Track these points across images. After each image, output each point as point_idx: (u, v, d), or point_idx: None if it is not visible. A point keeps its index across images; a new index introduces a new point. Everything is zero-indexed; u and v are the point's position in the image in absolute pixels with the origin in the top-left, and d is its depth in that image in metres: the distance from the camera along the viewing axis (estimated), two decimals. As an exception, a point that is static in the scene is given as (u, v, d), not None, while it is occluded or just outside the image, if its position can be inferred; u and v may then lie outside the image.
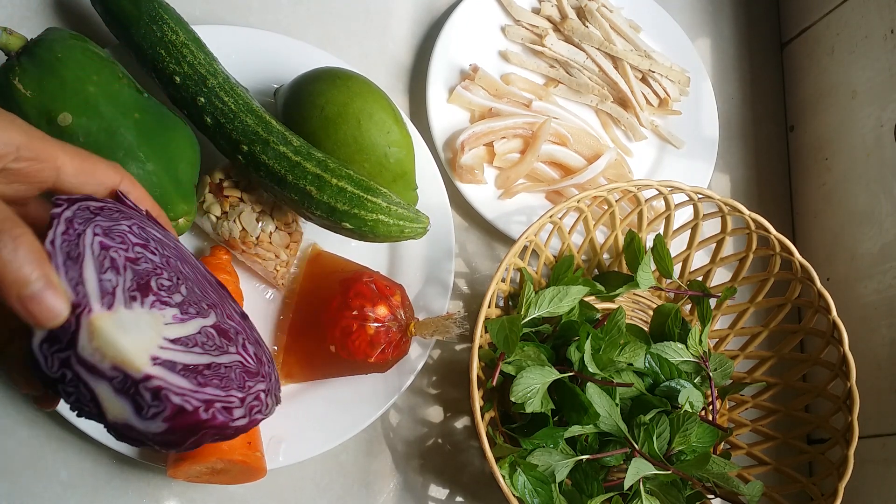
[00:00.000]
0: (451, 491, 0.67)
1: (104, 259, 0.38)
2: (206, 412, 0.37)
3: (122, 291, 0.38)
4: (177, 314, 0.40)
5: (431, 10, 0.79)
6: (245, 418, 0.40)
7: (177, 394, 0.36)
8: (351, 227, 0.57)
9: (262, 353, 0.45)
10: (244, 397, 0.40)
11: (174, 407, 0.36)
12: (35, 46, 0.53)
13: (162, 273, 0.41)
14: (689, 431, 0.60)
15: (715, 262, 0.72)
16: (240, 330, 0.44)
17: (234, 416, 0.39)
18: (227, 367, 0.41)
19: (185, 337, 0.39)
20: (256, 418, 0.41)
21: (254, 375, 0.42)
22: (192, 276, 0.44)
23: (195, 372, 0.38)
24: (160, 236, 0.43)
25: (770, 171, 0.90)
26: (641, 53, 0.81)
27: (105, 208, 0.41)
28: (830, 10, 0.85)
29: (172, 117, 0.57)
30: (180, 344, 0.39)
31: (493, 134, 0.73)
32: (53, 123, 0.51)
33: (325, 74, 0.61)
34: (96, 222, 0.39)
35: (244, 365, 0.42)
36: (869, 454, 0.71)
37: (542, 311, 0.61)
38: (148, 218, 0.44)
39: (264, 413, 0.42)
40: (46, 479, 0.57)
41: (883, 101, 0.77)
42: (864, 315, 0.75)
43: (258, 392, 0.42)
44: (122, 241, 0.40)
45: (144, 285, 0.39)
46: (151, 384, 0.36)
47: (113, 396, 0.36)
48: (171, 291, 0.41)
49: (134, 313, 0.37)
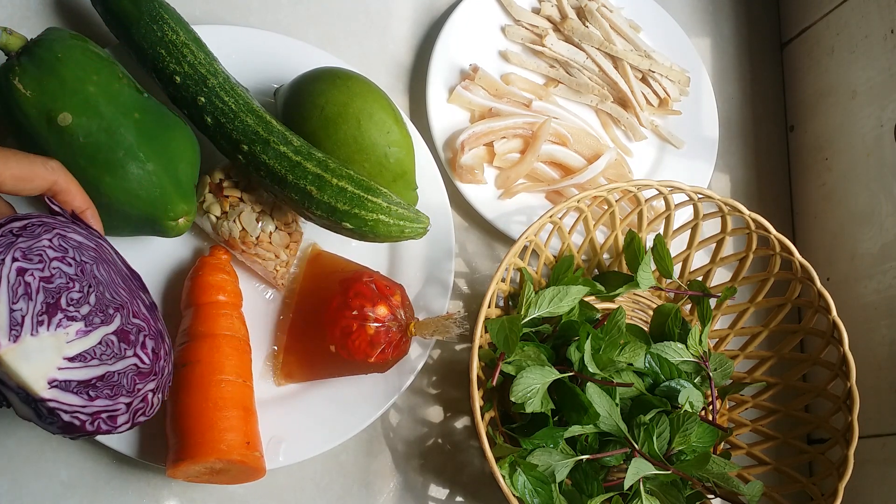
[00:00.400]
0: (451, 491, 0.67)
1: (18, 287, 0.44)
2: (91, 424, 0.46)
3: (30, 318, 0.45)
4: (81, 328, 0.47)
5: (431, 10, 0.79)
6: (128, 423, 0.48)
7: (67, 412, 0.45)
8: (351, 227, 0.57)
9: (160, 346, 0.51)
10: (131, 402, 0.48)
11: (64, 422, 0.45)
12: (35, 46, 0.53)
13: (73, 286, 0.47)
14: (689, 431, 0.60)
15: (715, 262, 0.72)
16: (142, 326, 0.51)
17: (118, 423, 0.48)
18: (121, 373, 0.48)
19: (84, 352, 0.47)
20: (139, 421, 0.49)
21: (146, 375, 0.50)
22: (106, 278, 0.50)
23: (88, 386, 0.46)
24: (81, 240, 0.49)
25: (770, 171, 0.90)
26: (641, 53, 0.81)
27: (28, 225, 0.46)
28: (830, 10, 0.85)
29: (172, 117, 0.57)
30: (78, 360, 0.46)
31: (493, 134, 0.73)
32: (53, 123, 0.51)
33: (325, 74, 0.61)
34: (17, 245, 0.45)
35: (138, 367, 0.49)
36: (869, 454, 0.71)
37: (542, 311, 0.61)
38: (73, 220, 0.49)
39: (147, 414, 0.50)
40: (46, 479, 0.57)
41: (883, 101, 0.77)
42: (864, 315, 0.75)
43: (146, 393, 0.49)
44: (41, 259, 0.46)
45: (54, 304, 0.46)
46: (47, 405, 0.44)
47: (20, 403, 0.45)
48: (79, 304, 0.47)
49: (38, 340, 0.45)
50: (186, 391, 0.54)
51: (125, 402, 0.48)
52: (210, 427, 0.53)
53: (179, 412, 0.54)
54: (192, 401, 0.54)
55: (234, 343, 0.57)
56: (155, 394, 0.50)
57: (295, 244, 0.63)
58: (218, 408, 0.54)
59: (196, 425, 0.53)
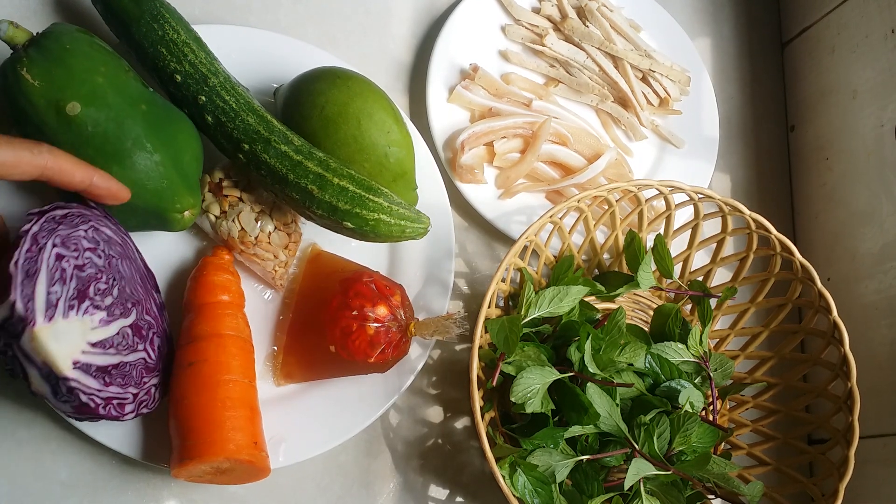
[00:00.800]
0: (451, 491, 0.67)
1: (56, 270, 0.48)
2: (104, 409, 0.49)
3: (64, 302, 0.48)
4: (103, 317, 0.50)
5: (431, 10, 0.79)
6: (133, 413, 0.52)
7: (86, 393, 0.48)
8: (352, 227, 0.57)
9: (165, 345, 0.56)
10: (138, 393, 0.52)
11: (81, 402, 0.48)
12: (42, 38, 0.53)
13: (101, 277, 0.51)
14: (689, 432, 0.60)
15: (715, 262, 0.71)
16: (153, 324, 0.55)
17: (125, 411, 0.51)
18: (132, 364, 0.52)
19: (104, 340, 0.50)
20: (142, 412, 0.52)
21: (151, 371, 0.53)
22: (128, 274, 0.53)
23: (104, 372, 0.50)
24: (110, 234, 0.53)
25: (770, 171, 0.90)
26: (642, 53, 0.81)
27: (69, 214, 0.50)
28: (831, 9, 0.85)
29: (177, 111, 0.57)
30: (99, 347, 0.49)
31: (493, 134, 0.73)
32: (62, 113, 0.51)
33: (325, 74, 0.61)
34: (58, 233, 0.49)
35: (146, 361, 0.53)
36: (870, 454, 0.71)
37: (542, 311, 0.61)
38: (105, 216, 0.53)
39: (149, 407, 0.53)
40: (46, 479, 0.57)
41: (883, 101, 0.76)
42: (864, 315, 0.75)
43: (150, 387, 0.53)
44: (76, 248, 0.49)
45: (83, 292, 0.49)
46: (68, 383, 0.47)
47: (39, 378, 0.48)
48: (104, 295, 0.51)
49: (68, 323, 0.48)
50: (193, 390, 0.54)
51: (133, 392, 0.51)
52: (219, 426, 0.53)
53: (186, 411, 0.53)
54: (199, 400, 0.53)
55: (239, 343, 0.57)
56: (157, 388, 0.54)
57: (294, 244, 0.63)
58: (226, 407, 0.53)
59: (204, 424, 0.53)
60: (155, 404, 0.54)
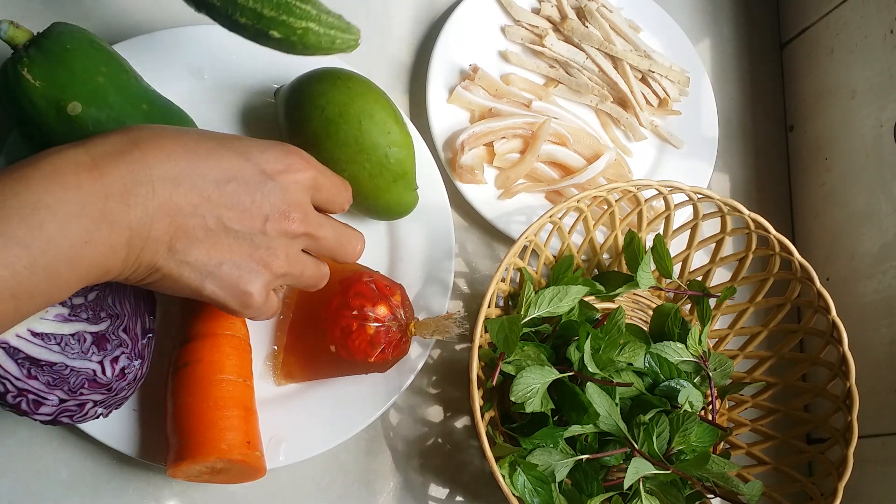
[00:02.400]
0: (451, 491, 0.67)
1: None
2: (13, 398, 0.47)
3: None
4: (62, 313, 0.48)
5: (431, 10, 0.79)
6: (49, 417, 0.48)
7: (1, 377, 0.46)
8: (279, 37, 0.53)
9: (133, 370, 0.51)
10: (66, 400, 0.48)
11: None
12: (43, 39, 0.53)
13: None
14: (688, 431, 0.60)
15: (715, 262, 0.72)
16: (126, 343, 0.51)
17: (39, 410, 0.48)
18: (75, 371, 0.49)
19: (52, 334, 0.48)
20: (61, 420, 0.49)
21: (98, 386, 0.50)
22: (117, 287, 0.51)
23: (34, 363, 0.47)
24: None
25: (770, 171, 0.90)
26: (641, 53, 0.82)
27: None
28: (830, 10, 0.85)
29: (178, 111, 0.57)
30: (40, 339, 0.48)
31: (493, 134, 0.73)
32: (63, 113, 0.51)
33: (325, 75, 0.61)
34: None
35: (94, 375, 0.49)
36: (868, 454, 0.71)
37: (542, 310, 0.61)
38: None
39: (74, 420, 0.50)
40: (46, 479, 0.57)
41: (882, 102, 0.77)
42: (863, 315, 0.75)
43: (87, 402, 0.50)
44: None
45: None
46: None
47: None
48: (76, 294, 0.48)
49: None
50: (187, 391, 0.54)
51: (60, 396, 0.48)
52: (211, 426, 0.53)
53: (180, 412, 0.54)
54: (192, 400, 0.54)
55: (234, 342, 0.57)
56: (97, 406, 0.50)
57: (295, 244, 0.63)
58: (219, 407, 0.54)
59: (197, 425, 0.53)
60: (83, 419, 0.50)
